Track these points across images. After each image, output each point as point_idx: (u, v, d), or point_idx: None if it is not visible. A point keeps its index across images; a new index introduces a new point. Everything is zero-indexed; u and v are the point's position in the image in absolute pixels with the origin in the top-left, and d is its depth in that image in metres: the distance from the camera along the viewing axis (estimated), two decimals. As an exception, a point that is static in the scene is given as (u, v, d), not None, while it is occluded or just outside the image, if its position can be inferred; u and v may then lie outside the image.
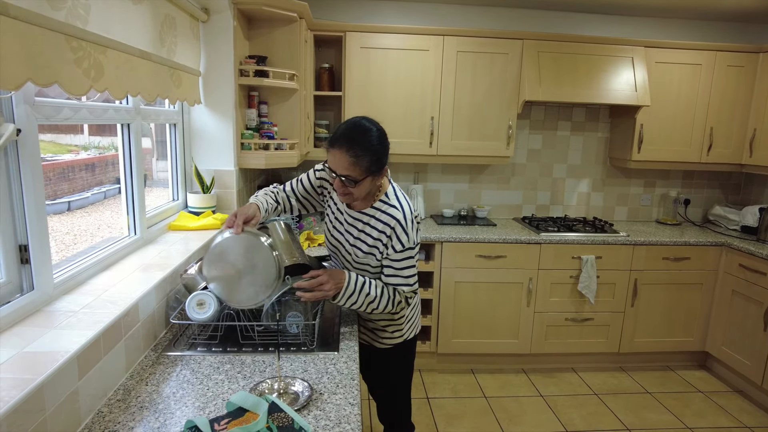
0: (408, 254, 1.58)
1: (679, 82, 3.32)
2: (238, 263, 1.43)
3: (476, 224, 3.42)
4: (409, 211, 1.58)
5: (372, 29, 3.08)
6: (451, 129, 3.24)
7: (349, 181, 1.46)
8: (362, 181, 1.47)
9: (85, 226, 2.24)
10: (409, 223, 1.56)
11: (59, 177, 2.16)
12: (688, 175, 3.82)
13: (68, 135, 2.19)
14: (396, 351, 1.81)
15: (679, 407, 2.96)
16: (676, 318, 3.34)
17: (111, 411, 1.18)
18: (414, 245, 1.58)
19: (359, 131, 1.48)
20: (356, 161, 1.44)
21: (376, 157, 1.47)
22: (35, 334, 1.17)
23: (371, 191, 1.58)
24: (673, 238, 3.25)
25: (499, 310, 3.22)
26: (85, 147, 2.22)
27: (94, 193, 2.31)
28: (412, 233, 1.57)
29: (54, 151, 2.04)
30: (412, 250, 1.59)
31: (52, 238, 1.85)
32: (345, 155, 1.44)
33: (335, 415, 1.17)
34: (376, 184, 1.56)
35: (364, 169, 1.45)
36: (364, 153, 1.44)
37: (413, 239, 1.58)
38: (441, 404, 2.92)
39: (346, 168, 1.45)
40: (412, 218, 1.58)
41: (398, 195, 1.62)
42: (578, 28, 3.51)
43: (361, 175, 1.46)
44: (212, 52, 2.41)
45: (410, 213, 1.58)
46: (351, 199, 1.56)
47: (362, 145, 1.45)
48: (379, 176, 1.52)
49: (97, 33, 1.41)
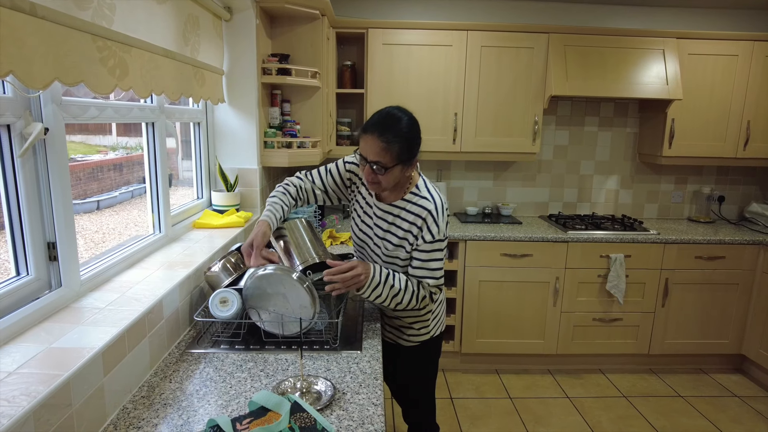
0: (437, 246, 1.57)
1: (713, 74, 3.20)
2: (275, 303, 1.46)
3: (501, 222, 3.36)
4: (441, 202, 1.58)
5: (394, 25, 3.06)
6: (475, 125, 3.19)
7: (379, 168, 1.47)
8: (392, 168, 1.48)
9: (113, 225, 2.28)
10: (440, 215, 1.56)
11: (89, 177, 2.20)
12: (723, 170, 3.68)
13: (97, 136, 2.23)
14: (422, 348, 1.79)
15: (714, 412, 2.86)
16: (710, 319, 3.22)
17: (135, 407, 1.19)
18: (444, 237, 1.57)
19: (392, 119, 1.49)
20: (387, 147, 1.45)
21: (407, 144, 1.48)
22: (62, 330, 1.18)
23: (400, 182, 1.58)
24: (707, 236, 3.13)
25: (524, 310, 3.16)
26: (113, 147, 2.26)
27: (121, 192, 2.35)
28: (442, 225, 1.56)
29: (84, 152, 2.09)
30: (441, 243, 1.57)
31: (81, 236, 1.89)
32: (377, 140, 1.45)
33: (358, 415, 1.15)
34: (405, 175, 1.56)
35: (395, 156, 1.46)
36: (395, 139, 1.45)
37: (443, 231, 1.57)
38: (465, 404, 2.88)
39: (377, 154, 1.46)
40: (444, 210, 1.58)
41: (429, 187, 1.62)
42: (606, 21, 3.41)
43: (391, 162, 1.46)
44: (235, 50, 2.42)
45: (442, 204, 1.58)
46: (378, 189, 1.56)
47: (394, 131, 1.46)
48: (408, 166, 1.53)
49: (122, 32, 1.42)
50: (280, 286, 1.44)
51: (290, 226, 1.62)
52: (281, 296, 1.44)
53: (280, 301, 1.45)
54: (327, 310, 1.57)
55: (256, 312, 1.47)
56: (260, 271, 1.45)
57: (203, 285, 1.74)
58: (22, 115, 1.20)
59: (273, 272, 1.44)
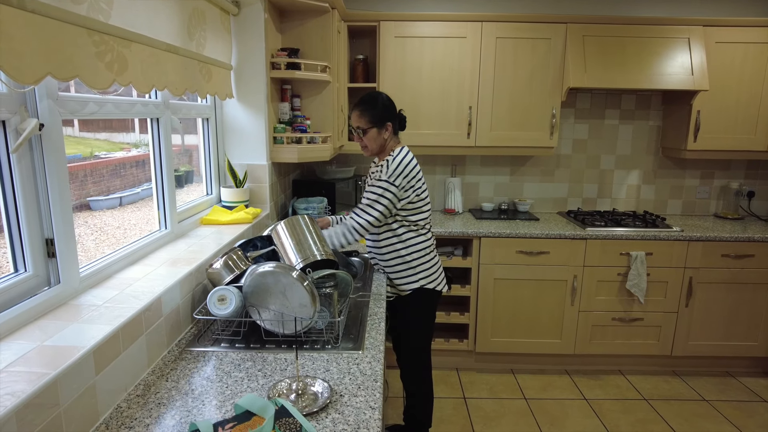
0: (382, 189, 1.95)
1: (742, 63, 3.05)
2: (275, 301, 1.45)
3: (517, 219, 3.28)
4: (401, 158, 1.99)
5: (407, 17, 3.00)
6: (490, 119, 3.12)
7: (359, 131, 2.02)
8: (368, 130, 2.02)
9: (135, 221, 2.30)
10: (393, 164, 1.97)
11: (112, 174, 2.22)
12: (753, 165, 3.52)
13: (121, 133, 2.25)
14: (415, 296, 2.12)
15: (741, 417, 2.73)
16: (738, 320, 3.08)
17: (129, 406, 1.17)
18: (389, 180, 1.94)
19: (367, 96, 2.05)
20: (361, 114, 2.01)
21: (375, 111, 2.00)
22: (57, 327, 1.17)
23: (384, 149, 2.07)
24: (735, 233, 2.99)
25: (541, 309, 3.07)
26: (135, 144, 2.26)
27: (143, 189, 2.36)
28: (392, 170, 1.95)
29: (108, 149, 2.10)
30: (387, 188, 1.94)
31: (104, 232, 1.89)
32: (356, 111, 2.03)
33: (354, 419, 1.11)
34: (382, 137, 2.04)
35: (368, 120, 2.00)
36: (366, 108, 2.01)
37: (390, 175, 1.95)
38: (478, 405, 2.82)
39: (356, 120, 2.03)
40: (401, 162, 1.97)
41: (401, 150, 2.03)
42: (627, 9, 3.28)
43: (366, 125, 2.01)
44: (243, 45, 2.40)
45: (402, 158, 1.98)
46: (367, 151, 2.08)
47: (366, 104, 2.02)
48: (381, 128, 2.02)
49: (120, 27, 1.40)
50: (279, 284, 1.40)
51: (291, 222, 1.59)
52: (281, 294, 1.41)
53: (280, 300, 1.42)
54: (328, 308, 1.54)
55: (256, 310, 1.44)
56: (260, 268, 1.42)
57: (206, 282, 1.72)
58: (17, 110, 1.19)
59: (273, 269, 1.41)
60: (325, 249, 1.57)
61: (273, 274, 1.40)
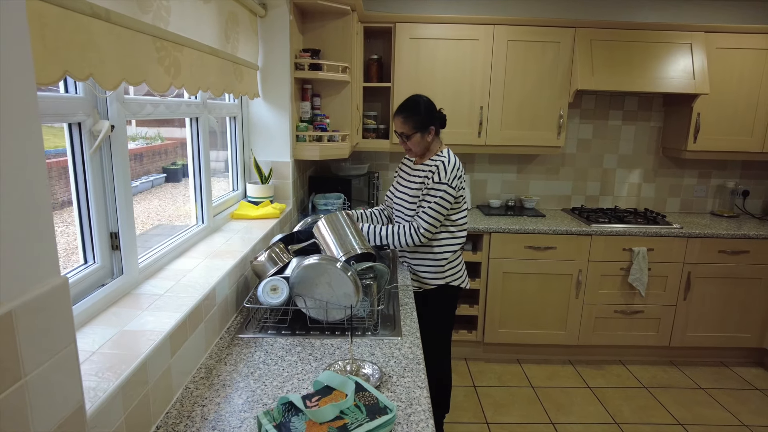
0: (442, 192, 2.02)
1: (741, 68, 3.19)
2: (320, 291, 1.55)
3: (524, 215, 3.41)
4: (453, 160, 2.07)
5: (421, 19, 3.10)
6: (500, 119, 3.23)
7: (404, 136, 2.09)
8: (412, 135, 2.08)
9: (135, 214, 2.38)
10: (450, 166, 2.04)
11: None
12: (748, 165, 3.68)
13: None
14: (440, 291, 2.22)
15: (735, 404, 2.90)
16: (732, 313, 3.25)
17: (197, 387, 1.27)
18: (449, 183, 2.02)
19: (409, 101, 2.11)
20: (405, 121, 2.07)
21: (419, 117, 2.06)
22: (130, 314, 1.27)
23: (429, 150, 2.15)
24: (731, 230, 3.15)
25: (547, 301, 3.21)
26: (133, 138, 2.34)
27: (142, 182, 2.44)
28: (450, 174, 2.03)
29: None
30: (447, 190, 2.01)
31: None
32: (399, 118, 2.09)
33: (406, 396, 1.23)
34: (426, 140, 2.10)
35: (411, 126, 2.07)
36: (409, 114, 2.07)
37: (450, 180, 2.02)
38: (488, 393, 2.96)
39: (400, 126, 2.09)
40: (455, 166, 2.05)
41: (449, 152, 2.12)
42: (633, 15, 3.41)
43: (410, 131, 2.07)
44: (269, 46, 2.48)
45: (454, 162, 2.06)
46: (411, 153, 2.18)
47: (409, 110, 2.07)
48: (425, 133, 2.08)
49: (176, 32, 1.49)
50: (325, 275, 1.51)
51: (331, 219, 1.69)
52: (326, 285, 1.52)
53: (326, 289, 1.52)
54: (368, 298, 1.65)
55: (302, 299, 1.55)
56: (306, 260, 1.52)
57: (248, 273, 1.82)
58: (91, 113, 1.28)
59: (318, 262, 1.51)
60: (364, 243, 1.68)
61: (320, 266, 1.51)
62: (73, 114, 1.22)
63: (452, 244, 2.17)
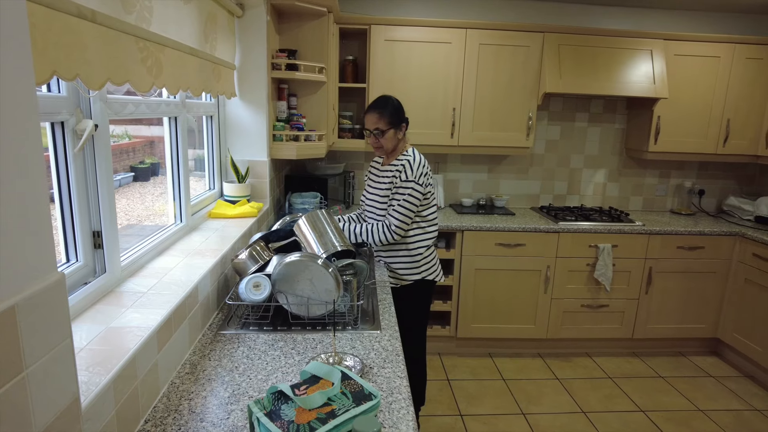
0: (410, 189, 2.11)
1: (697, 74, 3.38)
2: (302, 287, 1.58)
3: (495, 213, 3.51)
4: (419, 158, 2.16)
5: (396, 22, 3.16)
6: (472, 120, 3.33)
7: (378, 132, 2.15)
8: (387, 131, 2.15)
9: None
10: (415, 164, 2.13)
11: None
12: (704, 166, 3.89)
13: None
14: (415, 286, 2.30)
15: (691, 391, 3.07)
16: (689, 305, 3.43)
17: (183, 382, 1.30)
18: (416, 180, 2.11)
19: (382, 99, 2.20)
20: (380, 116, 2.14)
21: (394, 112, 2.15)
22: (115, 311, 1.28)
23: (396, 149, 2.22)
24: (688, 227, 3.33)
25: (517, 297, 3.33)
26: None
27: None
28: (416, 171, 2.11)
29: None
30: (414, 188, 2.10)
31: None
32: (374, 113, 2.15)
33: (387, 386, 1.29)
34: (397, 138, 2.19)
35: (387, 122, 2.14)
36: (385, 110, 2.14)
37: (417, 177, 2.11)
38: (461, 386, 3.05)
39: (375, 122, 2.15)
40: (420, 164, 2.14)
41: (413, 151, 2.19)
42: (598, 21, 3.56)
43: (385, 126, 2.14)
44: (246, 46, 2.50)
45: (419, 160, 2.15)
46: (382, 152, 2.23)
47: (383, 106, 2.16)
48: (398, 130, 2.17)
49: (158, 33, 1.51)
50: (307, 271, 1.55)
51: (312, 217, 1.73)
52: (308, 281, 1.56)
53: (307, 285, 1.57)
54: (348, 293, 1.70)
55: (283, 295, 1.59)
56: (288, 257, 1.56)
57: (228, 272, 1.85)
58: (74, 112, 1.29)
59: (300, 259, 1.56)
60: (344, 240, 1.73)
61: (301, 263, 1.55)
62: (57, 113, 1.22)
63: (425, 239, 2.25)
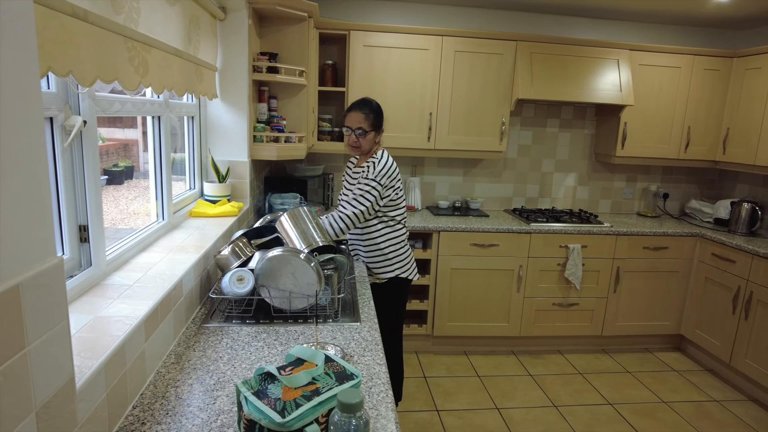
0: (370, 187, 2.17)
1: (660, 83, 3.56)
2: (284, 281, 1.63)
3: (470, 215, 3.62)
4: (385, 159, 2.24)
5: (375, 28, 3.24)
6: (448, 124, 3.43)
7: (361, 132, 2.21)
8: (369, 132, 2.22)
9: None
10: (380, 165, 2.21)
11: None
12: (668, 170, 4.08)
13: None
14: (390, 284, 2.37)
15: (655, 385, 3.22)
16: (655, 303, 3.60)
17: (168, 371, 1.34)
18: (376, 179, 2.18)
19: (367, 100, 2.29)
20: (365, 117, 2.22)
21: (377, 115, 2.25)
22: (102, 303, 1.32)
23: (371, 149, 2.29)
24: (653, 229, 3.49)
25: (491, 296, 3.43)
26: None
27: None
28: (379, 172, 2.19)
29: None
30: (375, 186, 2.17)
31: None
32: (359, 113, 2.22)
33: (367, 372, 1.35)
34: (375, 141, 2.27)
35: (371, 123, 2.22)
36: (370, 111, 2.23)
37: (378, 175, 2.18)
38: (438, 382, 3.12)
39: (359, 122, 2.21)
40: (385, 164, 2.21)
41: (383, 153, 2.27)
42: (569, 31, 3.72)
43: (368, 127, 2.22)
44: (228, 48, 2.54)
45: (386, 161, 2.23)
46: (358, 151, 2.28)
47: (369, 107, 2.25)
48: (378, 132, 2.27)
49: (145, 33, 1.55)
50: (289, 265, 1.61)
51: (294, 214, 1.79)
52: (290, 275, 1.62)
53: (290, 279, 1.62)
54: (330, 287, 1.76)
55: (266, 289, 1.64)
56: (271, 252, 1.62)
57: (210, 268, 1.88)
58: (63, 108, 1.32)
59: (283, 253, 1.61)
60: (325, 236, 1.79)
61: (284, 257, 1.60)
62: (47, 109, 1.26)
63: (393, 237, 2.33)
